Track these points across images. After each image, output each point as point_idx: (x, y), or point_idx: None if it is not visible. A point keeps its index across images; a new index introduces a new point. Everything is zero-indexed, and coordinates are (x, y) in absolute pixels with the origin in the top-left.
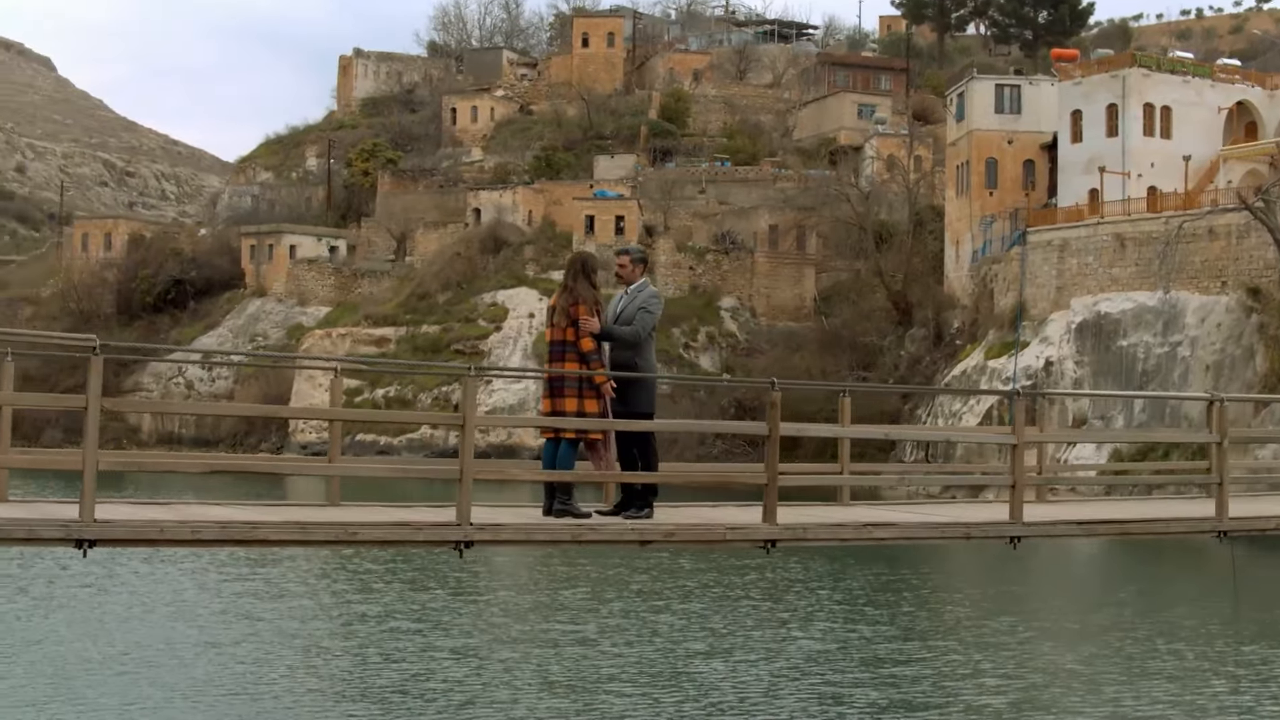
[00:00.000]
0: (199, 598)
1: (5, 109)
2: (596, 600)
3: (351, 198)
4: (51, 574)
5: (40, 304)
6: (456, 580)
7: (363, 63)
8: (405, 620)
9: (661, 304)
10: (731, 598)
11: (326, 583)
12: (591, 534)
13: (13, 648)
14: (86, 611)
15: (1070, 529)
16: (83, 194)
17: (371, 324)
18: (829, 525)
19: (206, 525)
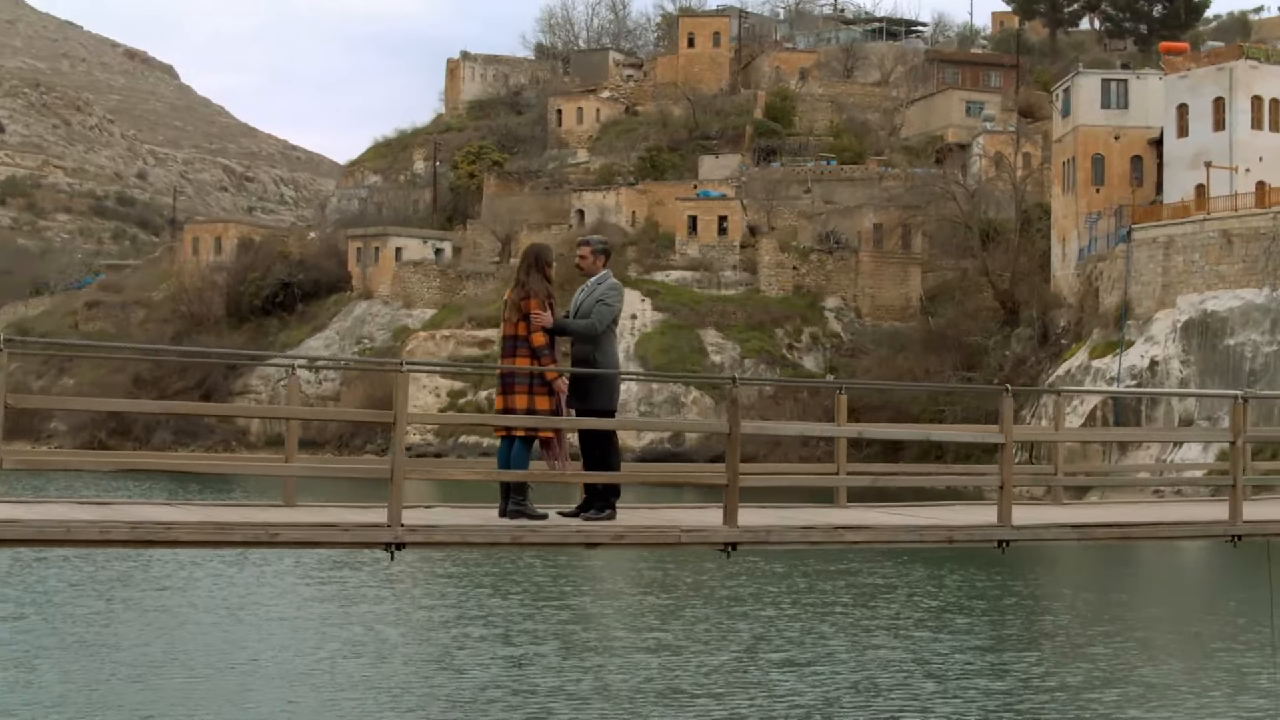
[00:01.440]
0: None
1: (128, 116)
2: (681, 606)
3: (457, 200)
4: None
5: (152, 307)
6: (537, 585)
7: (470, 66)
8: (482, 625)
9: (621, 296)
10: (813, 604)
11: (405, 587)
12: (533, 535)
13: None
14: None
15: (1064, 533)
16: (202, 199)
17: (475, 326)
18: (797, 528)
19: (116, 525)
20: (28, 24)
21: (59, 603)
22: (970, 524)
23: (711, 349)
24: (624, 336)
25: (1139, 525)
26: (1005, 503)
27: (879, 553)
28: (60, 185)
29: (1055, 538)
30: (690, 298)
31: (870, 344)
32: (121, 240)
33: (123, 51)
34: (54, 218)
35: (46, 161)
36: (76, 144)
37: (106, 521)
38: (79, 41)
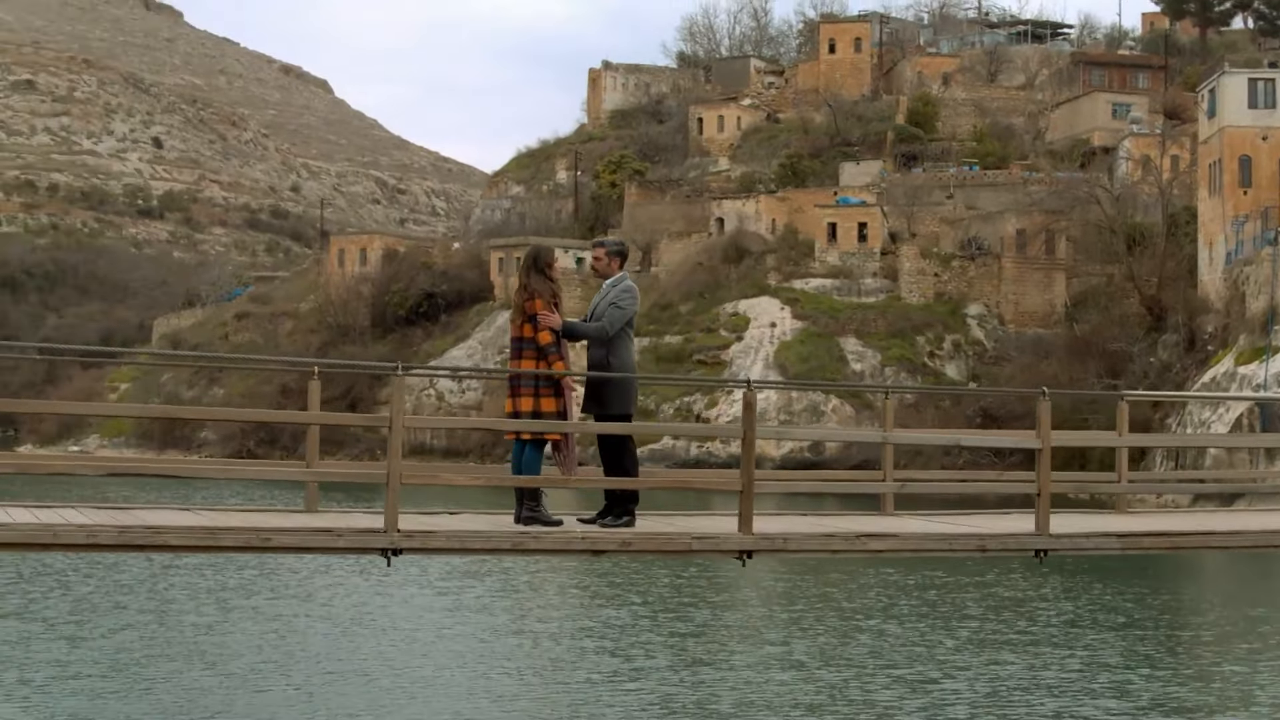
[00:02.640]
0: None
1: (283, 130)
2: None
3: (599, 209)
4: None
5: (299, 318)
6: (693, 591)
7: (611, 75)
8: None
9: (635, 298)
10: (942, 615)
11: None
12: (535, 542)
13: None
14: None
15: (1107, 541)
16: (354, 211)
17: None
18: (816, 535)
19: (103, 529)
20: (186, 41)
21: (177, 610)
22: (1005, 532)
23: (852, 357)
24: (763, 345)
25: (1190, 535)
26: (1043, 510)
27: (1007, 560)
28: (216, 199)
29: (1096, 547)
30: (830, 305)
31: (1013, 351)
32: (275, 252)
33: (278, 67)
34: (210, 231)
35: (203, 176)
36: (232, 158)
37: (94, 525)
38: (236, 58)
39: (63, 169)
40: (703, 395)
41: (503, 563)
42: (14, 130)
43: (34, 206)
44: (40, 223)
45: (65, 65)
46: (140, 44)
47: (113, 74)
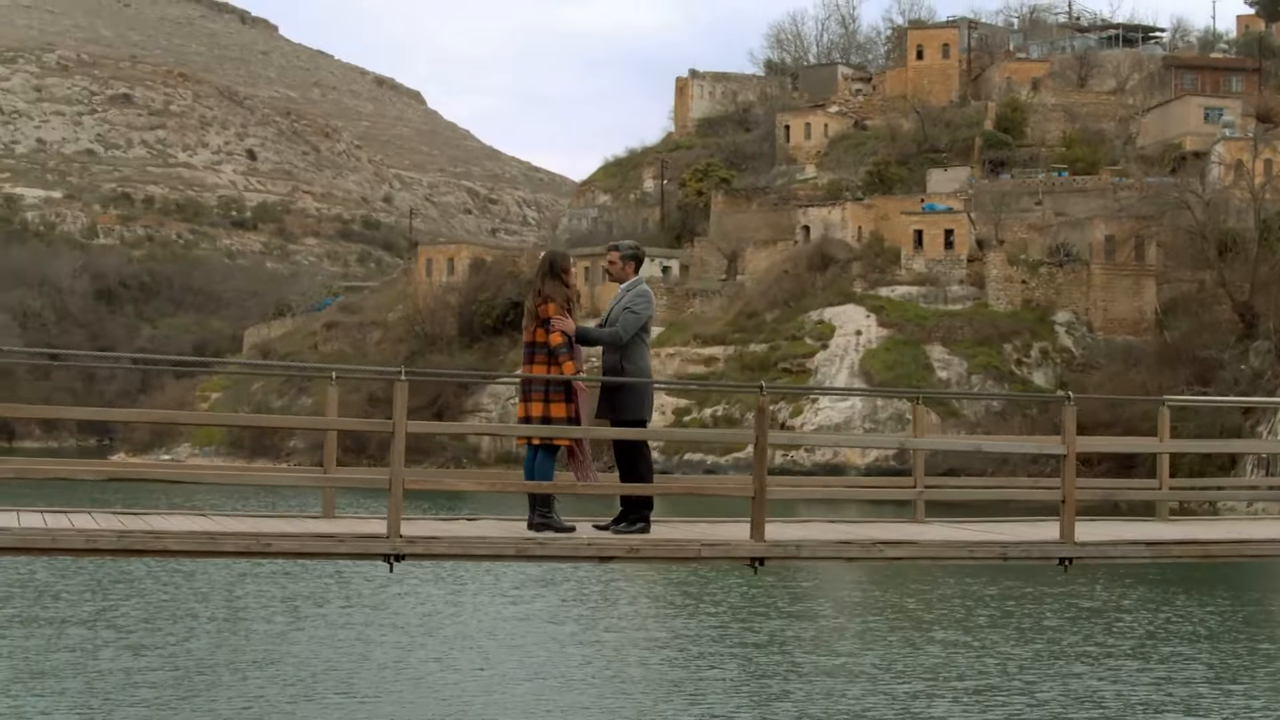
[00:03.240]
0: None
1: (376, 142)
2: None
3: (685, 218)
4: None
5: (387, 328)
6: (746, 596)
7: (699, 84)
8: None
9: (650, 303)
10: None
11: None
12: (540, 549)
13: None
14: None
15: (1136, 550)
16: (446, 221)
17: (700, 343)
18: (831, 542)
19: (103, 534)
20: (281, 54)
21: (248, 618)
22: (1029, 540)
23: (938, 365)
24: (849, 353)
25: (1223, 543)
26: (1068, 517)
27: (1091, 570)
28: (309, 210)
29: (1124, 556)
30: (916, 313)
31: (1102, 358)
32: (367, 263)
33: (372, 79)
34: (302, 242)
35: (296, 187)
36: (325, 170)
37: (93, 530)
38: (330, 70)
39: (159, 181)
40: (788, 404)
41: (578, 571)
42: (112, 144)
43: (130, 219)
44: (136, 235)
45: (162, 79)
46: (236, 58)
47: (208, 87)
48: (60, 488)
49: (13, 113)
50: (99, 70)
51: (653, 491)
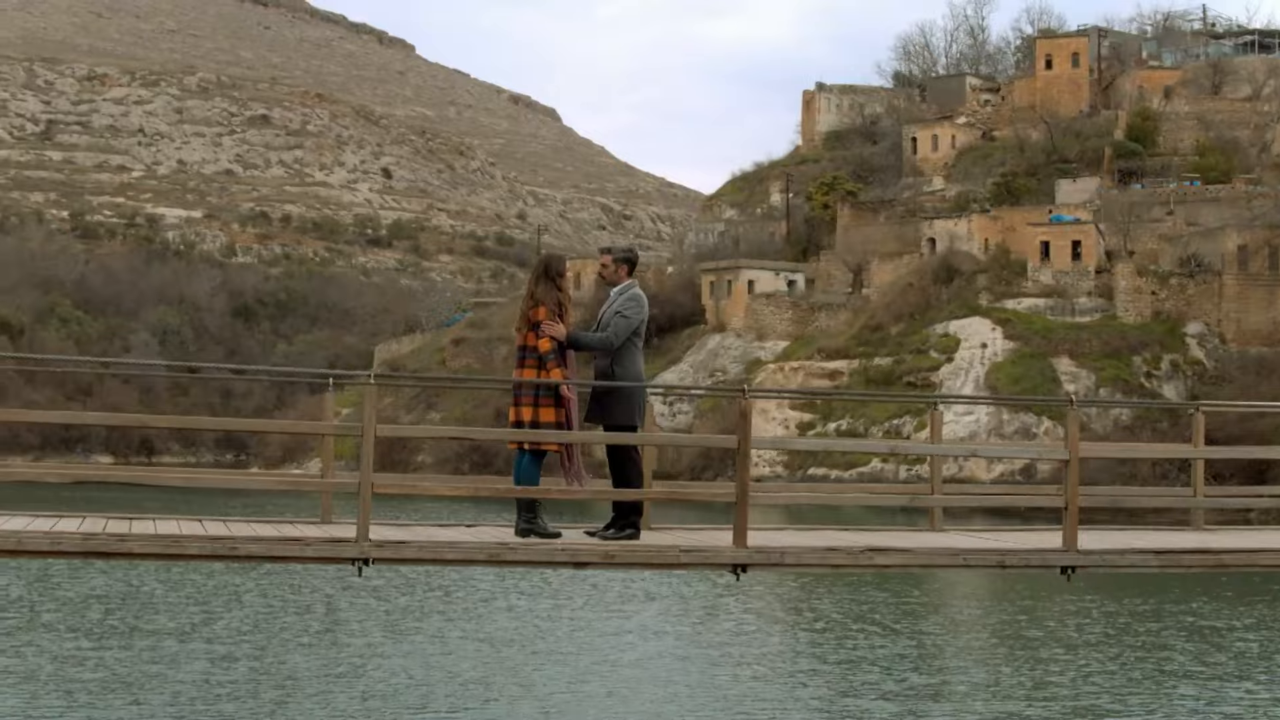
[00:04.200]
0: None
1: (511, 159)
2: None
3: (811, 231)
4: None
5: (513, 343)
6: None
7: (825, 97)
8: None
9: (642, 307)
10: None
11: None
12: (512, 554)
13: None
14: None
15: (1144, 559)
16: (580, 238)
17: (824, 357)
18: (818, 549)
19: (68, 536)
20: (417, 74)
21: (346, 630)
22: (1029, 548)
23: (1065, 378)
24: (974, 366)
25: (1236, 552)
26: (1070, 525)
27: (1188, 582)
28: (443, 227)
29: (1131, 565)
30: (1043, 325)
31: (1235, 371)
32: (500, 279)
33: (507, 97)
34: (437, 259)
35: (431, 205)
36: (460, 187)
37: (59, 533)
38: (466, 89)
39: (295, 200)
40: (912, 417)
41: (673, 582)
42: (250, 164)
43: (267, 237)
44: (274, 253)
45: (299, 100)
46: (373, 78)
47: (344, 107)
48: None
49: (155, 134)
50: (238, 92)
51: (633, 497)
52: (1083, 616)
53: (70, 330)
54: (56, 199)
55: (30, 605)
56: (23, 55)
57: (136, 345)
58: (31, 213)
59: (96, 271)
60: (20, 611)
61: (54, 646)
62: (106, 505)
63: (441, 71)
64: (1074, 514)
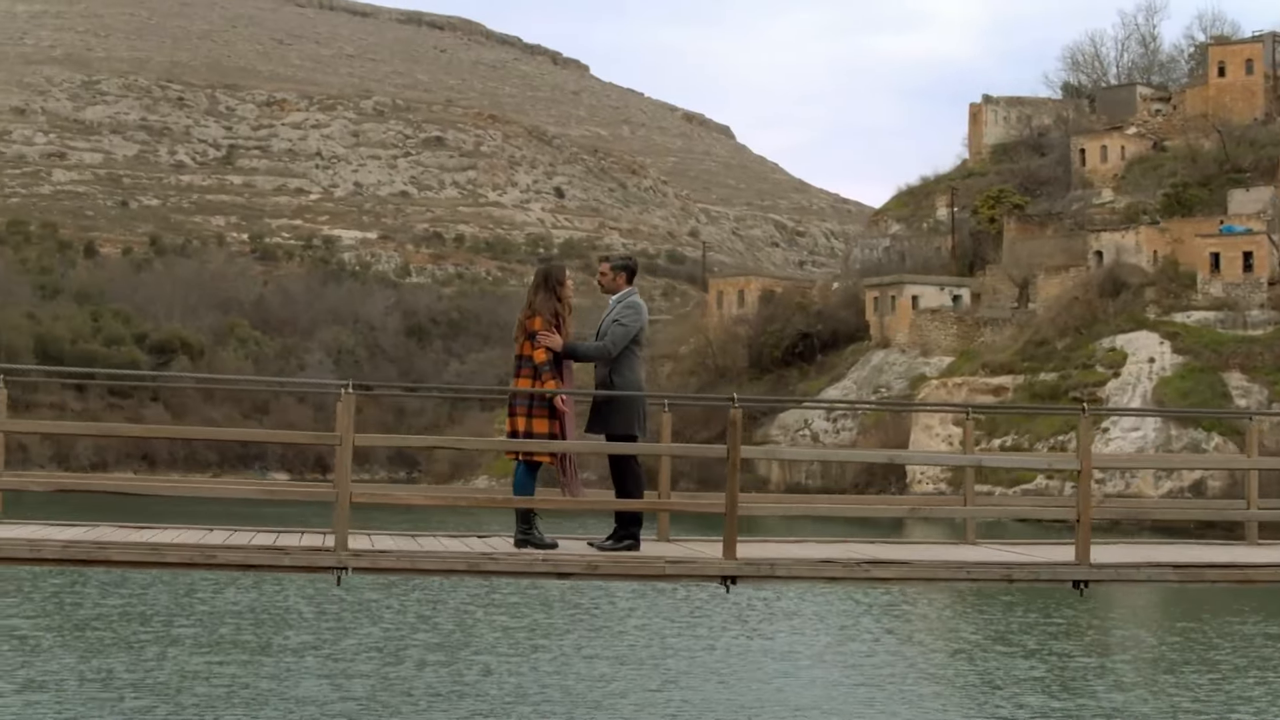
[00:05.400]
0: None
1: (684, 176)
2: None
3: (977, 246)
4: None
5: (678, 360)
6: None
7: (992, 109)
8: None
9: (640, 315)
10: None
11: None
12: (492, 564)
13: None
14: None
15: (1162, 573)
16: (753, 255)
17: (989, 373)
18: (810, 561)
19: (47, 544)
20: (591, 94)
21: (490, 642)
22: (1039, 561)
23: (1236, 392)
24: (1141, 381)
25: (1264, 567)
26: (1083, 537)
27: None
28: (615, 245)
29: (1149, 579)
30: (1212, 339)
31: None
32: (671, 296)
33: (681, 115)
34: None
35: (603, 224)
36: (632, 205)
37: (39, 540)
38: (639, 108)
39: (469, 220)
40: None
41: (847, 593)
42: (425, 185)
43: (441, 257)
44: (447, 272)
45: (473, 121)
46: (547, 98)
47: (517, 128)
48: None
49: (331, 157)
50: (413, 114)
51: (626, 507)
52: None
53: (248, 350)
54: (237, 222)
55: (166, 619)
56: (206, 82)
57: (311, 365)
58: (213, 236)
59: (274, 293)
60: (155, 625)
61: (184, 660)
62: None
63: (615, 91)
64: (1086, 525)
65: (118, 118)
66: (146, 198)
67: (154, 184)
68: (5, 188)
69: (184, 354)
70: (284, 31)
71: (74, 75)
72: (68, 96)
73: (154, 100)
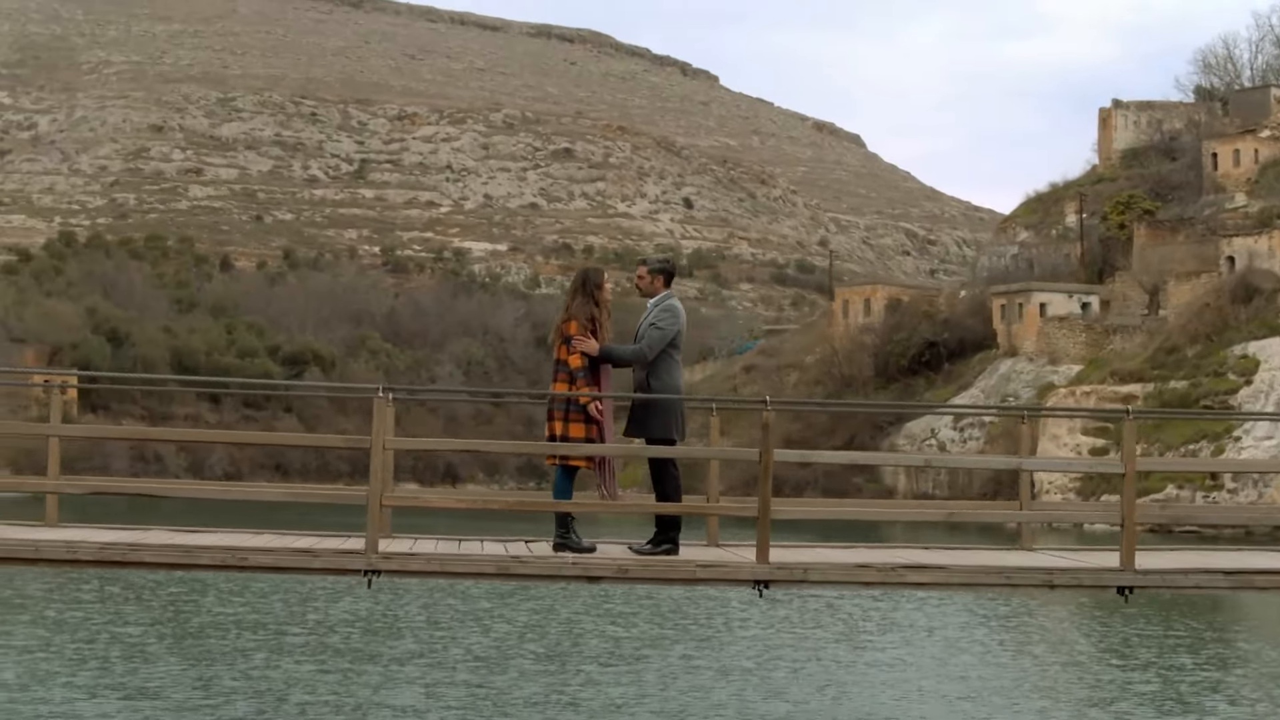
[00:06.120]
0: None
1: (814, 186)
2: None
3: (1107, 252)
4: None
5: (804, 370)
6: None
7: (1122, 114)
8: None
9: (677, 318)
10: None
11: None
12: (521, 567)
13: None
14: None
15: (1212, 579)
16: (883, 264)
17: (1118, 381)
18: (846, 565)
19: (83, 545)
20: (720, 104)
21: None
22: (1081, 567)
23: None
24: (1275, 389)
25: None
26: (1128, 542)
27: None
28: (744, 255)
29: (1198, 585)
30: None
31: None
32: (800, 306)
33: (811, 124)
34: (737, 287)
35: (732, 234)
36: (761, 215)
37: (75, 542)
38: (769, 117)
39: (598, 232)
40: (1209, 442)
41: (964, 604)
42: (554, 197)
43: (570, 268)
44: None
45: (601, 133)
46: (676, 109)
47: (645, 139)
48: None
49: (462, 170)
50: (542, 127)
51: (657, 510)
52: None
53: (379, 362)
54: (368, 235)
55: (278, 626)
56: (338, 98)
57: (441, 376)
58: (345, 249)
59: (405, 305)
60: (265, 633)
61: (289, 668)
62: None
63: (745, 101)
64: (1131, 530)
65: (253, 134)
66: (280, 212)
67: (288, 198)
68: (144, 204)
69: (316, 366)
70: (416, 46)
71: (210, 93)
72: (204, 114)
73: (288, 116)
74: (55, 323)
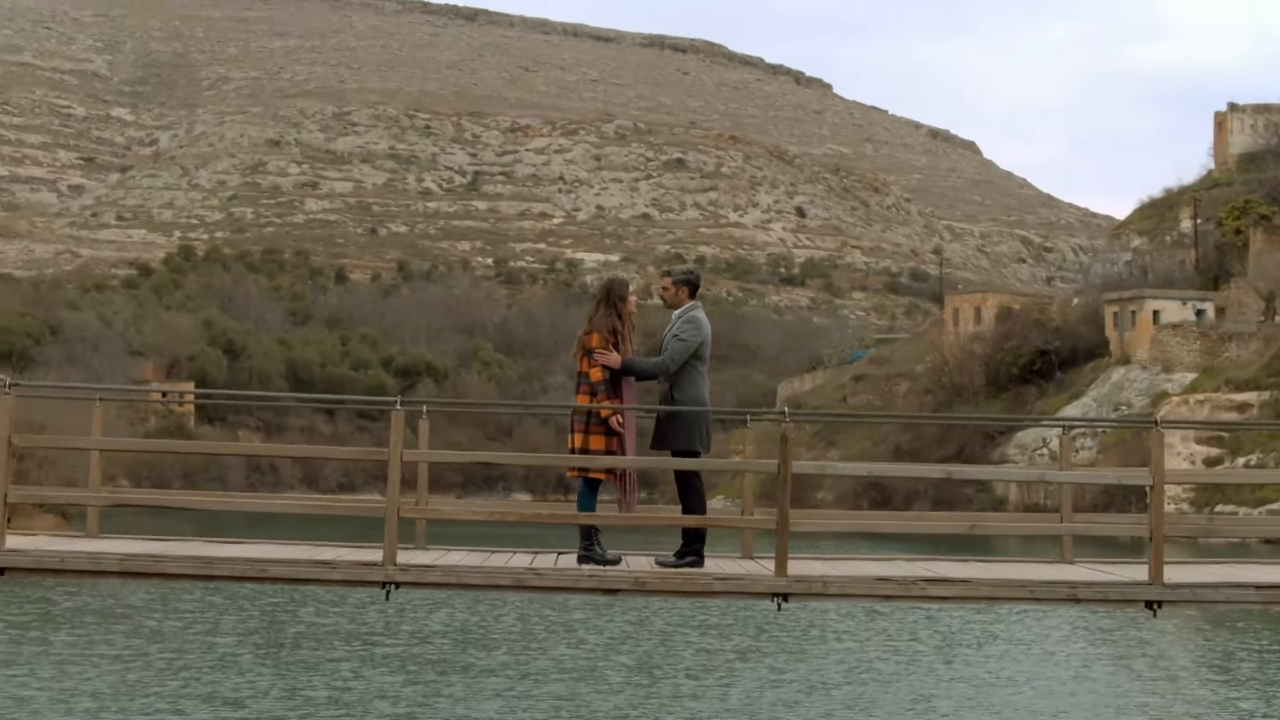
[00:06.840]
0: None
1: (928, 194)
2: None
3: (1222, 258)
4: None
5: (914, 379)
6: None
7: (1238, 117)
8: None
9: (700, 329)
10: None
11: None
12: (538, 579)
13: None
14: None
15: (1242, 594)
16: (998, 271)
17: (1233, 389)
18: (866, 579)
19: (106, 557)
20: (834, 113)
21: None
22: (1108, 580)
23: None
24: None
25: None
26: (1156, 555)
27: None
28: (857, 264)
29: (1228, 600)
30: None
31: None
32: (914, 315)
33: (925, 132)
34: (849, 296)
35: (845, 243)
36: (874, 224)
37: (98, 553)
38: (883, 125)
39: (710, 241)
40: None
41: (1062, 618)
42: (665, 207)
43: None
44: None
45: (713, 143)
46: (789, 118)
47: (758, 148)
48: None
49: (574, 181)
50: (654, 137)
51: (676, 523)
52: None
53: (491, 373)
54: (482, 247)
55: (370, 638)
56: (452, 111)
57: (553, 387)
58: (458, 261)
59: (518, 316)
60: (358, 644)
61: (378, 679)
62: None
63: (859, 109)
64: (1159, 543)
65: (367, 147)
66: (395, 225)
67: (402, 211)
68: (261, 217)
69: (429, 377)
70: (529, 59)
71: (326, 107)
72: (320, 128)
73: (402, 129)
74: (173, 335)
